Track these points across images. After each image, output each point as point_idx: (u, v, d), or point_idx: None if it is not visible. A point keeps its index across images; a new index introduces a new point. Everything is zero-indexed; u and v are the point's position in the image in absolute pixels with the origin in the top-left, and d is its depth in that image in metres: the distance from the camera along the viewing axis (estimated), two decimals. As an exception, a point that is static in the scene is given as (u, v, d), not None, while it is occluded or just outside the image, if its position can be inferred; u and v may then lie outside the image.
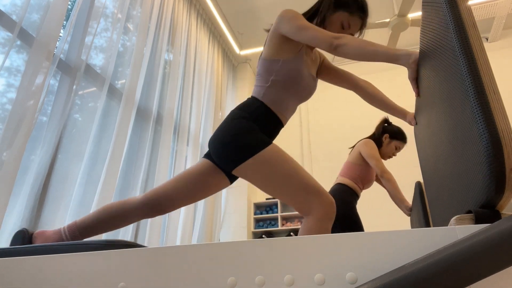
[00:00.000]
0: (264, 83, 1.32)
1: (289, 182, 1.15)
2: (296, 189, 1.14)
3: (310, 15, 1.42)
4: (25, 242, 1.16)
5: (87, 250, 0.75)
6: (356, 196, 2.30)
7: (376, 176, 2.41)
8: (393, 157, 2.40)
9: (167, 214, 2.27)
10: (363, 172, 2.31)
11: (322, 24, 1.37)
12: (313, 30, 1.21)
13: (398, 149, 2.37)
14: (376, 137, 2.40)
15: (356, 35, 1.40)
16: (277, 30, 1.30)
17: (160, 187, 1.28)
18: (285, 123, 1.38)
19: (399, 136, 2.37)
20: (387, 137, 2.37)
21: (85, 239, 1.22)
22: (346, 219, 2.17)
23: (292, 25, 1.24)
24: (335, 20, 1.35)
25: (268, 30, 1.40)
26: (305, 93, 1.37)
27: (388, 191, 2.18)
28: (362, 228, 2.20)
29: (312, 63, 1.43)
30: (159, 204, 1.26)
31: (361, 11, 1.36)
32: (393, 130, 2.38)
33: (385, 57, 1.09)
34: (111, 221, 1.24)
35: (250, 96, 1.36)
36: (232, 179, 1.37)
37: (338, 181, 2.35)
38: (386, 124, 2.46)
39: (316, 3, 1.44)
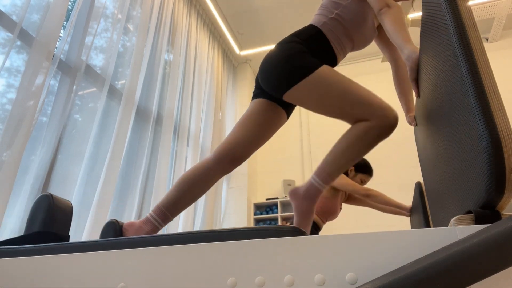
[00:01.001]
0: (327, 13, 1.31)
1: (347, 98, 1.12)
2: (354, 104, 1.11)
3: None
4: (117, 233, 1.16)
5: (258, 237, 0.66)
6: (318, 229, 2.25)
7: (352, 199, 2.36)
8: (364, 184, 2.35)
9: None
10: (327, 205, 2.26)
11: None
12: None
13: (363, 182, 2.31)
14: None
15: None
16: None
17: (227, 139, 1.29)
18: (339, 61, 1.35)
19: (364, 169, 2.31)
20: (352, 169, 2.31)
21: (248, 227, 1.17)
22: None
23: None
24: None
25: None
26: (364, 39, 1.36)
27: (381, 204, 2.11)
28: None
29: (375, 15, 1.42)
30: (233, 154, 1.26)
31: None
32: (359, 163, 2.32)
33: (397, 43, 1.10)
34: (194, 189, 1.24)
35: (308, 24, 1.34)
36: (289, 110, 1.36)
37: None
38: None
39: None
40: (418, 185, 1.98)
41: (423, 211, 1.77)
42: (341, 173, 1.15)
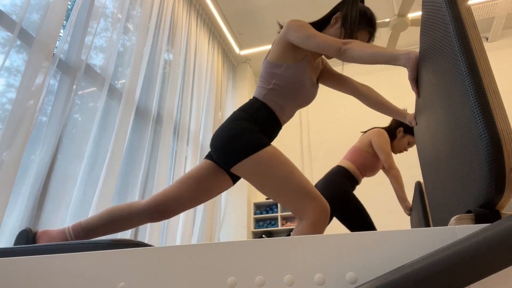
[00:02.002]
0: (266, 85, 1.36)
1: (285, 184, 1.16)
2: (291, 191, 1.16)
3: (316, 26, 1.45)
4: (29, 242, 1.17)
5: (92, 250, 0.74)
6: (354, 180, 2.25)
7: (383, 168, 2.39)
8: (404, 152, 2.38)
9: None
10: (368, 160, 2.27)
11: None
12: (322, 37, 1.25)
13: (410, 144, 2.33)
14: (391, 129, 2.35)
15: None
16: (285, 37, 1.34)
17: (165, 190, 1.30)
18: (283, 125, 1.41)
19: (412, 130, 2.31)
20: (401, 130, 2.32)
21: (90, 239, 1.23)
22: (341, 205, 2.12)
23: (301, 33, 1.28)
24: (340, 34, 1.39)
25: (279, 32, 1.42)
26: (305, 99, 1.40)
27: (393, 186, 2.18)
28: (359, 210, 2.12)
29: (314, 70, 1.46)
30: (164, 207, 1.28)
31: (370, 26, 1.39)
32: (408, 125, 2.32)
33: (386, 58, 1.11)
34: (116, 223, 1.26)
35: (252, 97, 1.39)
36: (235, 179, 1.39)
37: (339, 164, 2.30)
38: None
39: (323, 16, 1.47)
40: (418, 184, 1.98)
41: (423, 210, 1.77)
42: None
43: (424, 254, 0.47)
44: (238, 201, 4.72)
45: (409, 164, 4.56)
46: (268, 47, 5.23)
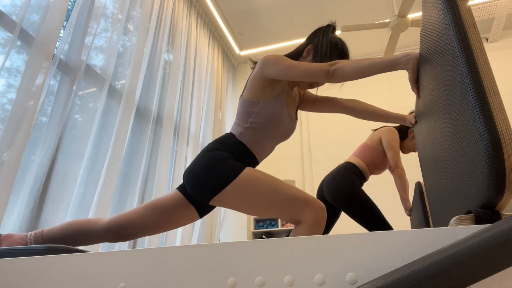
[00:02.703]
0: (242, 123, 1.32)
1: (273, 199, 1.15)
2: (282, 203, 1.15)
3: (290, 58, 1.42)
4: None
5: (27, 255, 0.75)
6: (362, 177, 2.26)
7: (389, 167, 2.39)
8: (414, 152, 2.38)
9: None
10: (377, 158, 2.27)
11: None
12: (305, 65, 1.21)
13: None
14: (402, 129, 2.36)
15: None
16: (261, 74, 1.29)
17: (127, 213, 1.28)
18: (260, 162, 1.39)
19: None
20: (413, 131, 2.33)
21: (27, 246, 1.21)
22: (348, 198, 2.12)
23: (281, 66, 1.24)
24: None
25: (253, 68, 1.38)
26: (283, 134, 1.37)
27: (396, 186, 2.19)
28: (369, 205, 2.12)
29: (293, 103, 1.43)
30: (123, 230, 1.26)
31: (341, 57, 1.36)
32: None
33: (384, 66, 1.09)
34: (74, 237, 1.25)
35: (228, 132, 1.36)
36: (202, 213, 1.37)
37: (348, 160, 2.31)
38: None
39: (295, 49, 1.44)
40: (418, 185, 1.98)
41: (423, 210, 1.77)
42: None
43: (424, 255, 0.47)
44: (238, 201, 4.71)
45: (409, 164, 4.56)
46: (268, 47, 5.23)
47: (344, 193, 2.13)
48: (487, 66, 0.57)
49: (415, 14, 4.54)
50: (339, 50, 1.36)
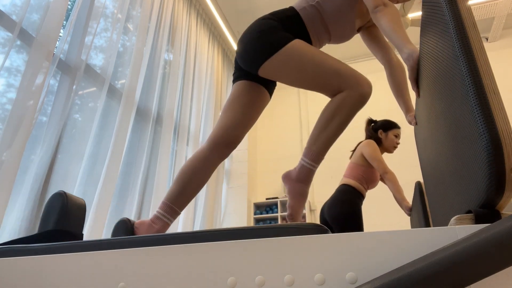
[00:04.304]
0: (310, 0, 1.32)
1: (321, 69, 1.15)
2: (330, 74, 1.14)
3: None
4: (128, 233, 1.18)
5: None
6: (361, 196, 2.33)
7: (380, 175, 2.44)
8: (399, 145, 2.43)
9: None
10: (367, 173, 2.34)
11: None
12: None
13: (397, 136, 2.40)
14: (373, 136, 2.44)
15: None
16: None
17: (218, 125, 1.32)
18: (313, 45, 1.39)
19: (391, 125, 2.42)
20: (381, 132, 2.41)
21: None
22: (349, 220, 2.19)
23: None
24: None
25: None
26: (339, 34, 1.36)
27: (390, 190, 2.23)
28: (362, 229, 2.22)
29: (362, 15, 1.41)
30: (227, 138, 1.29)
31: None
32: (383, 124, 2.43)
33: (396, 42, 1.10)
34: (196, 179, 1.28)
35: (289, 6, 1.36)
36: (269, 88, 1.39)
37: (342, 182, 2.37)
38: (373, 124, 2.50)
39: None
40: (418, 184, 1.98)
41: (423, 210, 1.77)
42: (328, 148, 1.17)
43: (424, 254, 0.47)
44: (238, 201, 4.72)
45: (409, 164, 4.57)
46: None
47: (348, 216, 2.21)
48: (487, 65, 0.57)
49: (415, 14, 4.54)
50: None
